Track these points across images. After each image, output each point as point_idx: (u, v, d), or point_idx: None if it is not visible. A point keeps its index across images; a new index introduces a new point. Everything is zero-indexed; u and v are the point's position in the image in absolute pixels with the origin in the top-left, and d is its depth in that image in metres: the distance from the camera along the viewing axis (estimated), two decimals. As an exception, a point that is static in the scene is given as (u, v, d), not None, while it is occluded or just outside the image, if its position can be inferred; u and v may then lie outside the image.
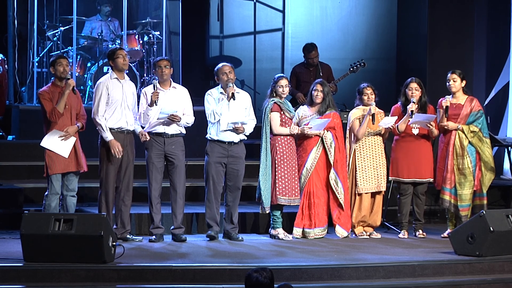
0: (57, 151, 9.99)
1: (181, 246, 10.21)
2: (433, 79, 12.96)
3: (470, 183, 10.80)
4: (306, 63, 13.05)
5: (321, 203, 10.78)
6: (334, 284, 9.13)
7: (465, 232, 9.82)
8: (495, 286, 9.44)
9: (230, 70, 10.60)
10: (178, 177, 10.42)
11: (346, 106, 12.33)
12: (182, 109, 10.45)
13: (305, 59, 13.06)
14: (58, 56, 10.41)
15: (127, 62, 10.50)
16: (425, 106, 10.94)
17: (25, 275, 8.94)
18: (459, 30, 13.56)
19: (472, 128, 10.81)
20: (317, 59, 12.99)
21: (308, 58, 12.97)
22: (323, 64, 13.07)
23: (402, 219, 11.00)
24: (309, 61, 12.96)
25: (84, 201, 11.12)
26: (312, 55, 12.95)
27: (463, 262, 9.63)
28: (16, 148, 12.44)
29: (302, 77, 12.83)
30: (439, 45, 13.59)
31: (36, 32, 13.48)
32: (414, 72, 11.97)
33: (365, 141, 10.95)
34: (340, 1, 15.05)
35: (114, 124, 10.21)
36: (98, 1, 13.90)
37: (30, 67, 13.52)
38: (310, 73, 12.88)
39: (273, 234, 10.74)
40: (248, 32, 15.37)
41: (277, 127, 10.69)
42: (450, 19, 13.56)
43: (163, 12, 13.76)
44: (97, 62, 13.39)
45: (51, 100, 10.01)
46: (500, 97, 13.80)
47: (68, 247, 9.01)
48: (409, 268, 9.42)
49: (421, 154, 10.94)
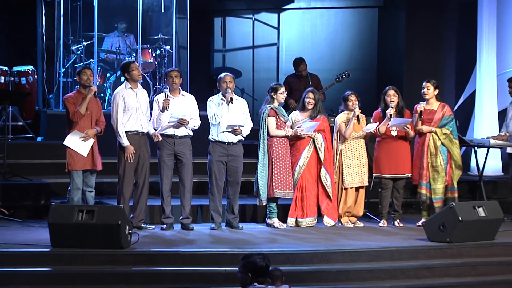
0: (77, 149, 9.99)
1: (188, 234, 10.21)
2: (409, 87, 12.95)
3: (443, 179, 10.80)
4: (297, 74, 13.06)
5: (312, 196, 10.77)
6: (323, 267, 9.13)
7: (437, 222, 9.83)
8: (463, 268, 9.45)
9: (231, 79, 10.60)
10: (186, 173, 10.41)
11: (333, 111, 12.32)
12: (189, 114, 10.45)
13: (295, 71, 13.08)
14: (83, 67, 10.44)
15: (140, 74, 10.53)
16: (402, 110, 10.94)
17: (52, 259, 8.96)
18: (432, 45, 13.55)
19: (444, 131, 10.81)
20: (306, 71, 12.99)
21: (298, 71, 12.99)
22: (312, 74, 13.07)
23: (382, 210, 10.99)
24: (299, 73, 12.98)
25: (104, 194, 11.11)
26: (300, 68, 12.97)
27: (435, 248, 9.63)
28: (44, 148, 12.43)
29: (293, 86, 12.83)
30: (414, 57, 13.58)
31: (62, 46, 13.47)
32: (392, 81, 11.99)
33: (350, 142, 10.95)
34: (328, 19, 15.05)
35: (131, 128, 10.21)
36: (116, 19, 13.88)
37: (57, 77, 13.51)
38: (301, 82, 12.88)
39: (269, 223, 10.73)
40: (247, 46, 15.37)
41: (273, 129, 10.70)
42: (424, 35, 13.56)
43: (173, 29, 13.75)
44: (115, 72, 13.38)
45: (74, 104, 10.03)
46: (467, 103, 13.79)
47: (90, 234, 9.01)
48: (388, 253, 9.43)
49: (399, 153, 10.93)
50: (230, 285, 8.50)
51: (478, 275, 9.40)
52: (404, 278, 9.16)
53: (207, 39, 15.36)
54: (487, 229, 9.94)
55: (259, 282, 6.56)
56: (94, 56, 13.44)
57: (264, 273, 6.59)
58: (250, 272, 6.56)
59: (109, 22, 13.84)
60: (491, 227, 9.98)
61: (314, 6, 15.06)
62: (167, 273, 8.76)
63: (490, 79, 13.34)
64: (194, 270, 8.92)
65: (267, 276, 6.60)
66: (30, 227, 10.35)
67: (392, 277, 9.15)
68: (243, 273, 6.67)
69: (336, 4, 15.00)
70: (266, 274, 6.60)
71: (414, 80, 12.64)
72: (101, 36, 13.74)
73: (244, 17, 15.41)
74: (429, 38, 13.55)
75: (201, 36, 14.88)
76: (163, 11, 13.95)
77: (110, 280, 8.74)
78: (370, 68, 14.74)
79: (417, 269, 9.29)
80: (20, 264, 8.84)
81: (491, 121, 13.18)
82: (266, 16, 15.30)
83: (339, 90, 12.20)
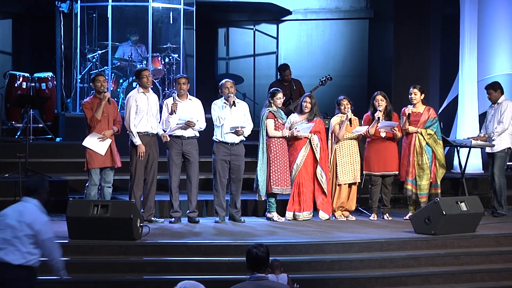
0: (95, 149, 10.00)
1: (195, 227, 10.20)
2: (397, 92, 12.93)
3: (428, 176, 10.79)
4: (281, 79, 13.04)
5: (308, 192, 10.76)
6: (318, 257, 9.14)
7: (423, 215, 9.82)
8: (447, 258, 9.45)
9: (231, 85, 10.60)
10: (193, 171, 10.40)
11: (328, 114, 12.30)
12: (196, 116, 10.45)
13: (280, 76, 13.07)
14: (97, 74, 10.43)
15: (151, 81, 10.54)
16: (390, 113, 10.93)
17: (70, 249, 8.95)
18: (418, 53, 13.54)
19: (429, 132, 10.81)
20: (290, 76, 12.98)
21: (284, 76, 12.97)
22: (295, 79, 13.06)
23: (373, 205, 10.98)
24: (284, 77, 12.96)
25: (117, 190, 11.09)
26: (286, 73, 12.96)
27: (421, 239, 9.63)
28: (63, 148, 12.43)
29: None
30: (401, 65, 13.57)
31: (79, 54, 13.46)
32: (381, 87, 11.95)
33: (343, 143, 10.94)
34: (323, 30, 15.03)
35: (142, 129, 10.22)
36: (129, 30, 13.87)
37: (74, 83, 13.49)
38: (286, 87, 12.84)
39: (269, 217, 10.72)
40: (248, 54, 15.34)
41: (271, 131, 10.69)
42: (410, 44, 13.55)
43: (180, 39, 13.73)
44: (127, 79, 13.37)
45: (91, 109, 10.03)
46: (451, 107, 13.78)
47: (104, 227, 9.02)
48: (378, 244, 9.43)
49: (387, 152, 10.93)
50: (233, 273, 8.50)
51: (460, 264, 9.41)
52: (392, 267, 9.17)
53: (212, 48, 15.35)
54: (469, 222, 9.93)
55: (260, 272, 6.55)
56: (108, 63, 13.42)
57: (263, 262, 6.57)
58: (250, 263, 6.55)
59: (122, 32, 13.82)
60: (472, 221, 9.97)
61: (310, 18, 15.04)
62: (175, 263, 8.77)
63: (472, 85, 13.33)
64: (200, 260, 8.93)
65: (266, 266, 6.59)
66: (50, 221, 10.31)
67: (381, 266, 9.16)
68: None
69: (330, 16, 14.98)
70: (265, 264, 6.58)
71: (402, 86, 12.63)
72: (115, 45, 13.71)
73: (246, 28, 15.39)
74: (415, 47, 13.54)
75: (206, 45, 14.86)
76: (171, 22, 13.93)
77: (123, 269, 8.76)
78: (361, 75, 14.72)
79: (404, 259, 9.29)
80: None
81: (472, 123, 13.17)
82: (266, 27, 15.28)
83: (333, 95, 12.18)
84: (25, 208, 6.63)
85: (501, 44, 13.76)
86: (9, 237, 6.53)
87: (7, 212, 6.68)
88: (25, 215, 6.57)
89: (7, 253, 6.52)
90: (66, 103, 13.62)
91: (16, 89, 13.21)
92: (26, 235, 6.53)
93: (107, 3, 13.34)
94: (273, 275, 7.33)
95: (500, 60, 13.77)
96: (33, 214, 6.60)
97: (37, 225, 6.54)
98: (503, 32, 13.77)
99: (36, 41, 14.56)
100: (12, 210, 6.68)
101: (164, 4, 13.85)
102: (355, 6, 14.95)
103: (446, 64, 13.84)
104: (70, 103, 13.55)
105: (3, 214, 6.67)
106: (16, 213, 6.61)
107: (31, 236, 6.54)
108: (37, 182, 6.85)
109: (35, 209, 6.64)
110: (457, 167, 12.43)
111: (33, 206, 6.66)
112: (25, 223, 6.53)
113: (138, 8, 13.76)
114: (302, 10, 15.07)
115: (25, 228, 6.52)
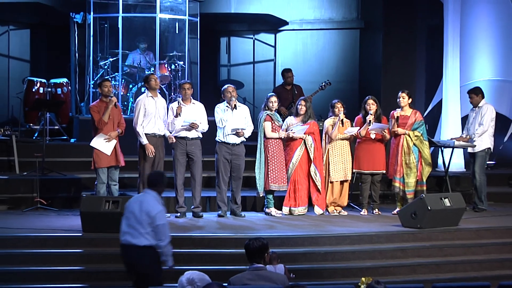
0: (102, 149, 10.00)
1: (198, 221, 10.20)
2: (386, 97, 12.92)
3: (414, 174, 10.80)
4: (284, 84, 13.04)
5: (303, 188, 10.77)
6: (313, 249, 9.14)
7: (410, 210, 9.82)
8: (432, 250, 9.46)
9: (233, 90, 10.61)
10: (196, 169, 10.41)
11: (322, 116, 12.31)
12: (199, 119, 10.44)
13: (283, 79, 13.06)
14: (103, 80, 10.45)
15: (158, 83, 10.55)
16: (380, 117, 10.95)
17: (84, 242, 8.98)
18: (405, 60, 13.54)
19: (416, 133, 10.82)
20: (292, 79, 12.98)
21: (287, 78, 12.97)
22: (296, 85, 13.06)
23: (363, 201, 10.99)
24: (287, 80, 12.95)
25: (127, 187, 11.11)
26: (289, 75, 12.95)
27: (408, 233, 9.63)
28: (76, 148, 12.43)
29: (282, 95, 12.71)
30: (390, 71, 13.57)
31: (92, 61, 13.47)
32: (371, 91, 11.97)
33: (336, 143, 10.95)
34: (317, 39, 15.03)
35: (150, 130, 10.21)
36: (138, 39, 13.87)
37: (87, 88, 13.49)
38: (288, 91, 12.86)
39: (267, 212, 10.73)
40: (248, 62, 15.35)
41: (269, 132, 10.70)
42: (398, 52, 13.55)
43: (185, 47, 13.74)
44: (137, 84, 13.38)
45: (98, 112, 10.04)
46: (435, 110, 13.78)
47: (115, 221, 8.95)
48: (368, 237, 9.43)
49: (376, 152, 10.94)
50: (234, 264, 8.50)
51: (444, 255, 9.41)
52: (381, 259, 9.17)
53: (215, 55, 15.35)
54: (452, 217, 9.94)
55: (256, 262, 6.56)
56: (119, 70, 13.43)
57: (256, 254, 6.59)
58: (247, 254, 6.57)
59: (132, 41, 13.83)
60: (455, 215, 9.97)
61: (305, 28, 15.05)
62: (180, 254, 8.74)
63: (455, 90, 13.33)
64: (203, 252, 8.94)
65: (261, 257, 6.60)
66: (64, 215, 10.35)
67: (371, 257, 9.16)
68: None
69: (324, 26, 15.00)
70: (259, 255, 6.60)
71: (390, 91, 12.63)
72: (125, 53, 13.72)
73: (246, 37, 15.40)
74: (402, 55, 13.55)
75: (209, 53, 14.86)
76: (177, 32, 13.93)
77: (132, 260, 8.73)
78: (352, 80, 14.72)
79: (392, 251, 9.29)
80: (56, 247, 8.87)
81: (455, 125, 13.17)
82: (265, 36, 15.29)
83: (327, 99, 12.20)
84: (145, 198, 7.24)
85: (482, 52, 13.78)
86: (133, 223, 7.15)
87: (131, 201, 7.34)
88: (144, 204, 7.16)
89: (133, 237, 7.15)
90: (80, 107, 13.62)
91: (33, 94, 13.23)
92: (145, 220, 7.10)
93: (117, 14, 13.35)
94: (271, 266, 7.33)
95: (481, 67, 13.78)
96: (150, 203, 7.16)
97: (153, 212, 7.09)
98: (484, 41, 13.78)
99: (52, 49, 14.56)
100: (135, 200, 7.34)
101: (170, 15, 13.86)
102: (347, 17, 14.96)
103: (431, 71, 13.84)
104: (83, 106, 13.55)
105: (128, 203, 7.32)
106: (138, 203, 7.23)
107: (149, 222, 7.09)
108: (157, 177, 7.41)
109: (153, 199, 7.21)
110: (441, 166, 12.44)
111: (151, 197, 7.24)
112: (144, 211, 7.10)
113: (146, 19, 13.78)
114: (298, 20, 15.08)
115: (144, 215, 7.10)
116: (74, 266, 8.65)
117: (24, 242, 8.88)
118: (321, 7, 15.02)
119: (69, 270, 8.60)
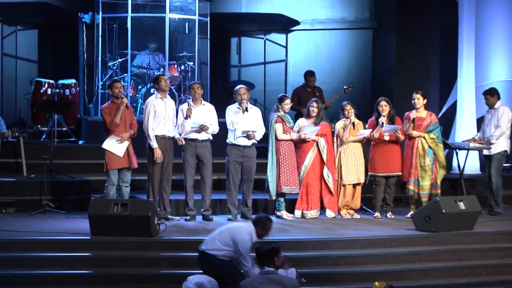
0: (114, 151, 10.01)
1: (208, 224, 10.19)
2: (399, 98, 12.89)
3: (429, 177, 10.77)
4: (305, 85, 13.05)
5: (316, 191, 10.75)
6: (325, 253, 9.12)
7: (424, 214, 9.80)
8: (446, 254, 9.42)
9: (245, 91, 10.59)
10: (206, 172, 10.40)
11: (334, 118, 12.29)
12: (209, 121, 10.44)
13: (305, 82, 13.07)
14: (113, 81, 10.45)
15: (168, 84, 10.54)
16: (393, 118, 10.92)
17: (92, 245, 8.98)
18: (418, 61, 13.52)
19: (431, 136, 10.80)
20: (315, 82, 13.01)
21: (309, 81, 12.99)
22: (317, 87, 13.08)
23: (376, 204, 10.96)
24: (310, 83, 12.98)
25: (136, 190, 11.12)
26: (312, 79, 12.98)
27: (422, 236, 9.60)
28: (85, 150, 12.47)
29: (302, 97, 12.78)
30: (403, 72, 13.55)
31: (100, 62, 13.50)
32: (384, 93, 11.93)
33: (348, 145, 10.94)
34: (329, 39, 15.02)
35: (159, 132, 10.22)
36: (147, 39, 13.90)
37: (96, 89, 13.53)
38: (309, 93, 12.85)
39: (278, 215, 10.71)
40: (259, 62, 15.35)
41: (280, 134, 10.69)
42: (411, 53, 13.53)
43: (195, 48, 13.76)
44: (146, 85, 13.40)
45: (110, 113, 10.04)
46: (449, 112, 13.75)
47: (124, 224, 9.03)
48: (381, 241, 9.41)
49: (391, 154, 10.91)
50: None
51: (459, 260, 9.37)
52: (394, 263, 9.14)
53: (225, 56, 15.36)
54: (467, 220, 9.90)
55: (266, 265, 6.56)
56: (128, 71, 13.46)
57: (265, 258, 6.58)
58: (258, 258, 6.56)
59: (141, 41, 13.86)
60: (470, 219, 9.93)
61: (317, 28, 15.04)
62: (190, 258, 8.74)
63: (470, 91, 13.29)
64: (213, 255, 8.90)
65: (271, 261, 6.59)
66: (73, 218, 10.36)
67: (384, 261, 9.13)
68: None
69: (336, 26, 14.98)
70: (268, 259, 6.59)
71: (403, 92, 12.61)
72: (134, 53, 13.75)
73: (256, 37, 15.39)
74: (416, 55, 13.52)
75: (219, 53, 14.87)
76: (187, 32, 13.95)
77: (141, 264, 8.76)
78: (365, 81, 14.70)
79: (405, 255, 9.26)
80: (65, 250, 8.86)
81: (470, 127, 13.13)
82: (276, 36, 15.28)
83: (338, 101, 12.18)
84: (239, 227, 7.92)
85: (498, 52, 13.73)
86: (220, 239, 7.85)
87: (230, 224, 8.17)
88: (234, 231, 7.84)
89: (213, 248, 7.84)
90: (88, 108, 13.65)
91: (41, 95, 13.28)
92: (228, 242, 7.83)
93: (126, 14, 13.38)
94: (282, 270, 7.32)
95: (496, 67, 13.73)
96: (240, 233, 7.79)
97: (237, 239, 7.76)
98: (500, 40, 13.73)
99: (59, 50, 14.60)
100: (232, 224, 8.12)
101: (180, 15, 13.87)
102: (360, 16, 14.94)
103: (445, 71, 13.81)
104: (92, 108, 13.59)
105: (229, 225, 8.07)
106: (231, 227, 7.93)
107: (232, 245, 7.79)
108: (262, 220, 7.94)
109: (246, 232, 7.80)
110: (456, 169, 12.40)
111: (247, 228, 7.86)
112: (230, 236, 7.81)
113: (155, 19, 13.80)
114: (310, 20, 15.07)
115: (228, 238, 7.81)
116: (82, 269, 8.65)
117: (32, 245, 8.88)
118: (333, 6, 15.01)
119: (77, 274, 8.60)
